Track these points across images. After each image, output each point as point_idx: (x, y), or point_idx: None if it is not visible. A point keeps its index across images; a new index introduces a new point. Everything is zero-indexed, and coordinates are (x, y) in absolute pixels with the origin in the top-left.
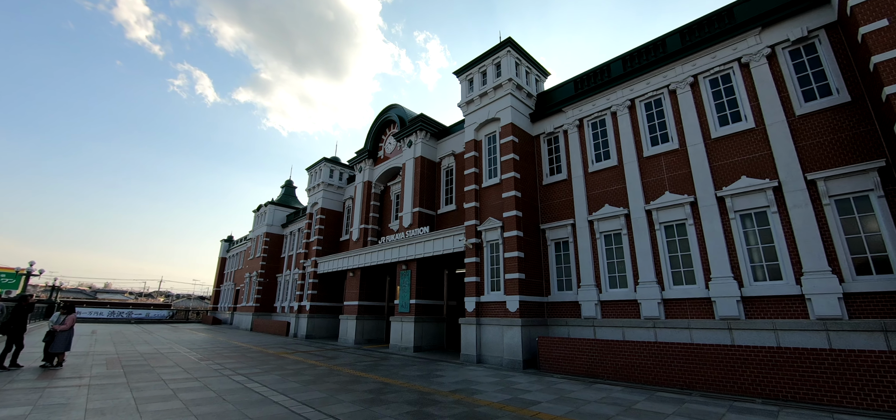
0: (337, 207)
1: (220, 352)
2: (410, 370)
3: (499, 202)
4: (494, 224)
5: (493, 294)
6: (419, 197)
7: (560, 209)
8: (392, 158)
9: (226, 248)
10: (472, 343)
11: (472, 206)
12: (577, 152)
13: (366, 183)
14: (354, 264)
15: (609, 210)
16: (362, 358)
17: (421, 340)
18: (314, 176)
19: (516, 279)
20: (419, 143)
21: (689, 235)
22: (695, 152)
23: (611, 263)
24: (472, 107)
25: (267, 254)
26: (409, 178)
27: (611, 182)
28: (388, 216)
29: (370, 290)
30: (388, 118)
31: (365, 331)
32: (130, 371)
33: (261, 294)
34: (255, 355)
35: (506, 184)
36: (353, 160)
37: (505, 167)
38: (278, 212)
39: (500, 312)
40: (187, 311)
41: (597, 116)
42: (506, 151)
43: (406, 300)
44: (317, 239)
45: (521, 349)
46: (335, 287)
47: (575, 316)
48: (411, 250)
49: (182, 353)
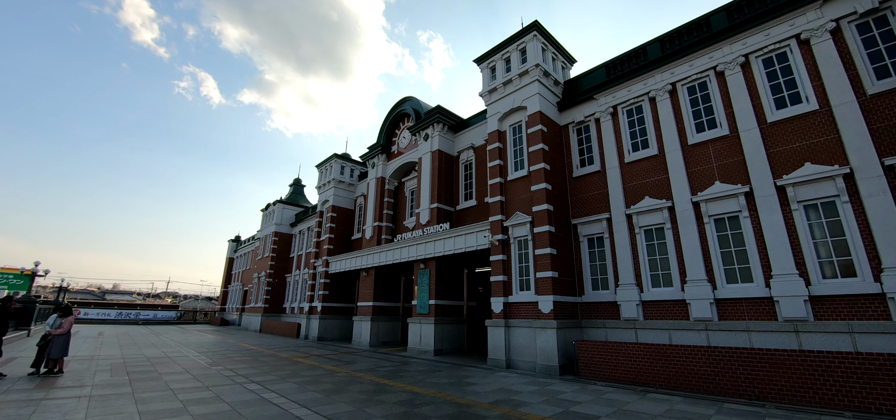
0: (348, 205)
1: (230, 355)
2: (437, 377)
3: (527, 196)
4: (523, 219)
5: (522, 294)
6: (437, 192)
7: (593, 203)
8: (407, 153)
9: (233, 248)
10: (500, 347)
11: (498, 200)
12: (611, 142)
13: (379, 179)
14: (368, 263)
15: (650, 203)
16: (381, 362)
17: (441, 343)
18: (324, 173)
19: (549, 278)
20: (436, 136)
21: (744, 229)
22: (749, 138)
23: (653, 261)
24: (494, 96)
25: (276, 253)
26: (425, 172)
27: (650, 173)
28: (402, 213)
29: (385, 290)
30: (402, 111)
31: (380, 332)
32: (136, 378)
33: (270, 294)
34: (267, 359)
35: (535, 176)
36: (365, 156)
37: (533, 158)
38: (287, 211)
39: (532, 314)
40: (195, 312)
41: (633, 103)
42: (534, 141)
43: (425, 300)
44: (328, 238)
45: (557, 354)
46: (347, 287)
47: (613, 317)
48: (430, 248)
49: (191, 356)
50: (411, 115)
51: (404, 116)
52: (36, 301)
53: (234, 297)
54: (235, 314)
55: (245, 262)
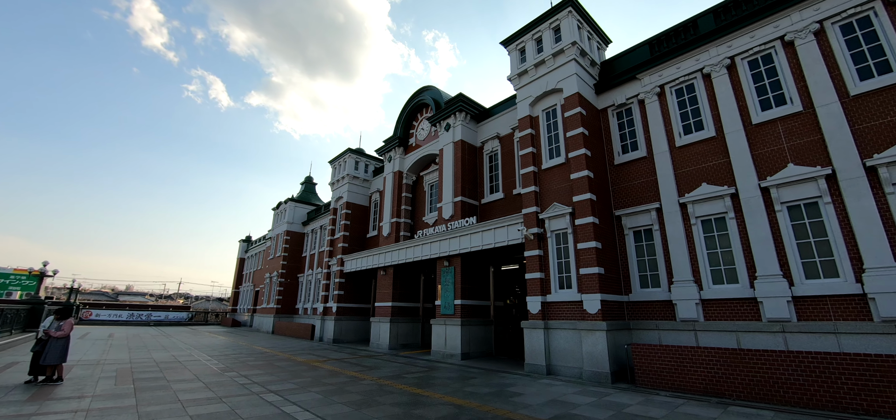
0: (363, 202)
1: (243, 360)
2: (474, 385)
3: (566, 185)
4: (561, 210)
5: (562, 292)
6: (461, 185)
7: (639, 192)
8: (426, 145)
9: (244, 248)
10: (538, 351)
11: (531, 190)
12: (659, 124)
13: (396, 173)
14: (387, 262)
15: (708, 190)
16: (406, 368)
17: (468, 346)
18: (338, 168)
19: (595, 274)
20: (459, 126)
21: (826, 217)
22: (827, 114)
23: (713, 254)
24: (524, 79)
25: (288, 253)
26: (448, 164)
27: (707, 157)
28: (421, 209)
29: (404, 289)
30: (420, 101)
31: (399, 335)
32: (142, 387)
33: (282, 295)
34: (283, 364)
35: (575, 163)
36: (380, 149)
37: (572, 144)
38: (299, 209)
39: (575, 314)
40: (206, 314)
41: (683, 81)
42: (572, 126)
43: (450, 300)
44: (342, 235)
45: (608, 359)
46: (363, 287)
47: (667, 318)
48: (455, 244)
49: (202, 361)
50: (430, 106)
51: (423, 107)
52: (45, 302)
53: (246, 297)
54: (247, 315)
55: (256, 262)
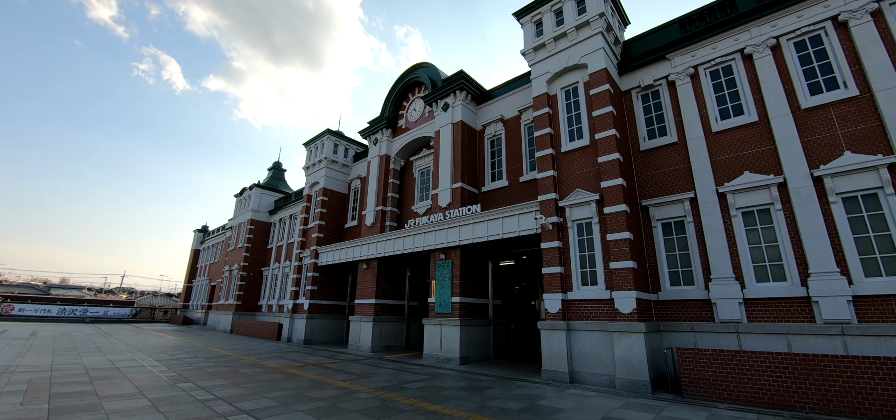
0: (342, 189)
1: (200, 366)
2: (497, 399)
3: (591, 169)
4: (585, 197)
5: (586, 289)
6: (461, 170)
7: (668, 180)
8: (418, 127)
9: (199, 239)
10: (560, 355)
11: (549, 175)
12: (692, 108)
13: (383, 157)
14: (370, 254)
15: (751, 179)
16: (402, 376)
17: (467, 349)
18: (314, 151)
19: (629, 269)
20: (458, 106)
21: (888, 209)
22: (888, 99)
23: (756, 249)
24: (541, 53)
25: (252, 244)
26: (445, 148)
27: (749, 143)
28: (410, 197)
29: (388, 285)
30: (414, 79)
31: (383, 336)
32: (59, 409)
33: (243, 290)
34: (251, 371)
35: (603, 145)
36: (365, 131)
37: (600, 124)
38: (265, 196)
39: (603, 313)
40: (153, 310)
41: (720, 62)
42: (599, 104)
43: (446, 298)
44: (317, 225)
45: (647, 366)
46: (339, 282)
47: (703, 318)
48: (454, 235)
49: (147, 367)
50: (426, 85)
51: (415, 86)
52: None
53: (200, 293)
54: (200, 312)
55: (213, 254)
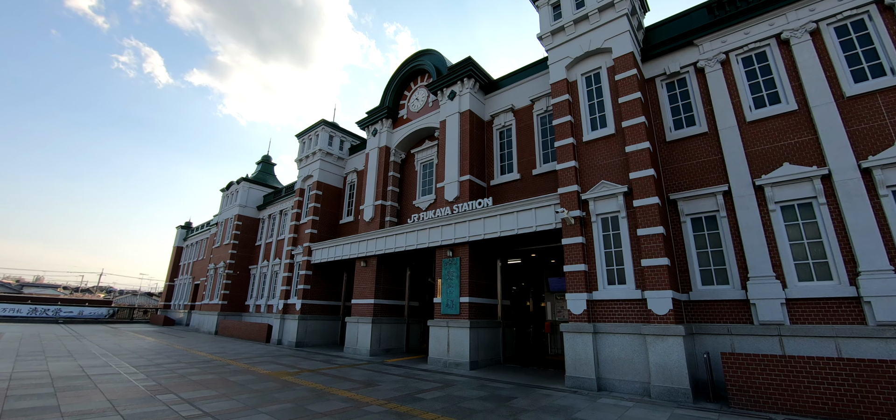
0: (336, 183)
1: (182, 372)
2: (527, 412)
3: (616, 160)
4: (612, 189)
5: (614, 289)
6: (469, 162)
7: (698, 173)
8: (420, 118)
9: (182, 236)
10: (585, 360)
11: (570, 166)
12: (724, 96)
13: (382, 149)
14: (369, 250)
15: (791, 171)
16: (413, 384)
17: (477, 353)
18: (308, 144)
19: (664, 266)
20: (467, 95)
21: None
22: None
23: (798, 246)
24: (560, 37)
25: (239, 240)
26: (452, 139)
27: (788, 133)
28: (411, 191)
29: (388, 284)
30: (417, 67)
31: (382, 338)
32: None
33: (229, 289)
34: (242, 379)
35: (631, 133)
36: (363, 121)
37: (627, 111)
38: (254, 191)
39: (634, 315)
40: (132, 310)
41: (754, 48)
42: (627, 90)
43: (454, 297)
44: (311, 220)
45: (687, 373)
46: (333, 281)
47: (741, 320)
48: (463, 230)
49: (122, 374)
50: (431, 73)
51: (419, 74)
52: None
53: (182, 292)
54: (183, 312)
55: (197, 251)
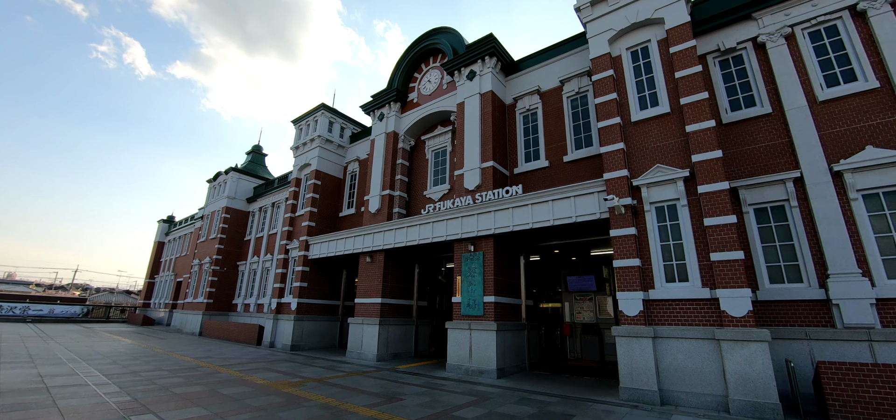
0: (336, 173)
1: (164, 382)
2: None
3: (673, 141)
4: (669, 174)
5: (673, 287)
6: (492, 147)
7: (762, 158)
8: (433, 101)
9: (164, 230)
10: (645, 369)
11: (617, 149)
12: (790, 74)
13: (390, 135)
14: (376, 244)
15: (876, 155)
16: (439, 396)
17: (503, 359)
18: (306, 130)
19: (738, 262)
20: (488, 75)
21: None
22: None
23: (885, 240)
24: (601, 8)
25: (227, 234)
26: (472, 122)
27: (868, 114)
28: (421, 181)
29: (396, 282)
30: (430, 47)
31: (390, 341)
32: None
33: (216, 287)
34: (234, 390)
35: (692, 111)
36: (367, 105)
37: (687, 87)
38: (243, 182)
39: (701, 317)
40: (108, 308)
41: (822, 22)
42: (684, 63)
43: (477, 297)
44: (308, 212)
45: (775, 384)
46: (332, 279)
47: (820, 323)
48: (488, 221)
49: (91, 385)
50: (446, 52)
51: (431, 54)
52: None
53: (163, 289)
54: (163, 311)
55: (180, 246)
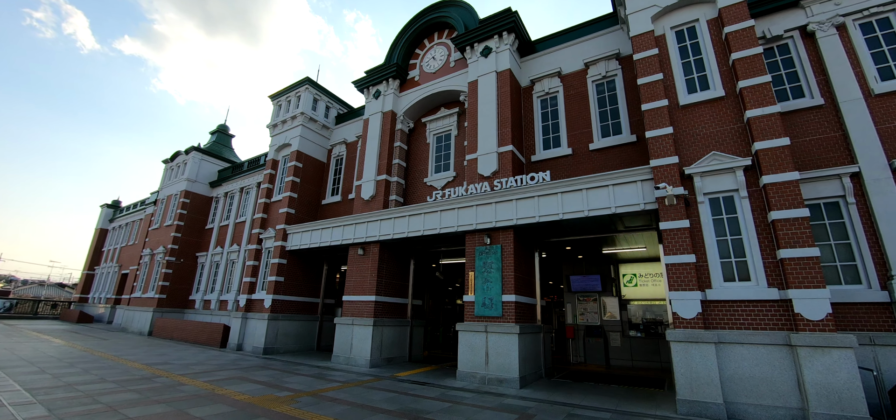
0: (319, 156)
1: (109, 400)
2: None
3: (729, 128)
4: (727, 162)
5: (733, 286)
6: (510, 130)
7: (813, 151)
8: (439, 80)
9: (108, 216)
10: (707, 379)
11: (665, 133)
12: (843, 65)
13: (388, 114)
14: (371, 235)
15: None
16: (469, 412)
17: (525, 366)
18: (286, 106)
19: (812, 259)
20: (506, 52)
21: None
22: None
23: None
24: None
25: (185, 222)
26: (487, 102)
27: None
28: (421, 167)
29: (391, 278)
30: (437, 20)
31: (384, 344)
32: None
33: (170, 281)
34: (207, 409)
35: (753, 95)
36: (361, 81)
37: (746, 69)
38: (206, 164)
39: (768, 320)
40: (37, 303)
41: (875, 13)
42: (742, 44)
43: (494, 295)
44: (287, 198)
45: (865, 396)
46: (311, 274)
47: (884, 327)
48: (508, 211)
49: (5, 407)
50: (457, 27)
51: (437, 29)
52: None
53: (105, 282)
54: (104, 307)
55: (127, 234)
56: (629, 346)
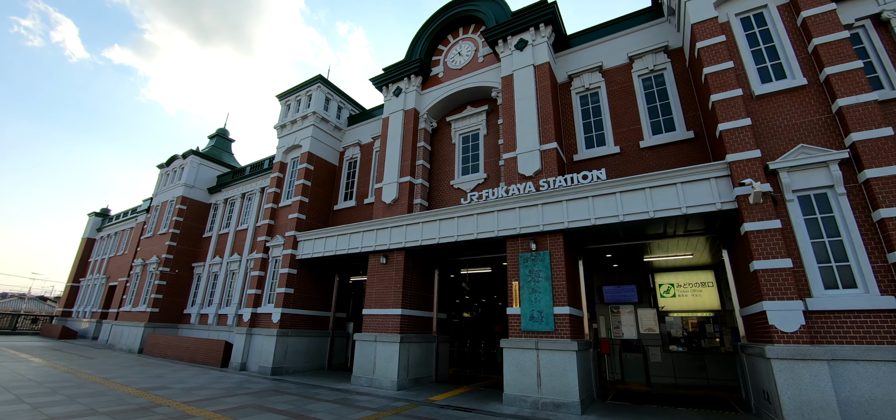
0: (331, 158)
1: None
2: None
3: (816, 118)
4: (819, 155)
5: (836, 294)
6: (554, 127)
7: None
8: (466, 76)
9: (96, 224)
10: (820, 403)
11: (742, 125)
12: None
13: (410, 113)
14: (395, 242)
15: None
16: None
17: (584, 389)
18: (295, 106)
19: None
20: (544, 44)
21: None
22: None
23: None
24: None
25: (181, 230)
26: (526, 98)
27: None
28: (445, 169)
29: (416, 290)
30: (464, 13)
31: (411, 363)
32: None
33: (164, 293)
34: None
35: (844, 82)
36: (379, 79)
37: (832, 54)
38: (205, 169)
39: (883, 333)
40: (16, 317)
41: None
42: (826, 28)
43: (544, 307)
44: (298, 202)
45: None
46: (323, 284)
47: None
48: (558, 213)
49: None
50: (487, 21)
51: (462, 24)
52: None
53: (91, 295)
54: (89, 322)
55: (116, 243)
56: (671, 361)
